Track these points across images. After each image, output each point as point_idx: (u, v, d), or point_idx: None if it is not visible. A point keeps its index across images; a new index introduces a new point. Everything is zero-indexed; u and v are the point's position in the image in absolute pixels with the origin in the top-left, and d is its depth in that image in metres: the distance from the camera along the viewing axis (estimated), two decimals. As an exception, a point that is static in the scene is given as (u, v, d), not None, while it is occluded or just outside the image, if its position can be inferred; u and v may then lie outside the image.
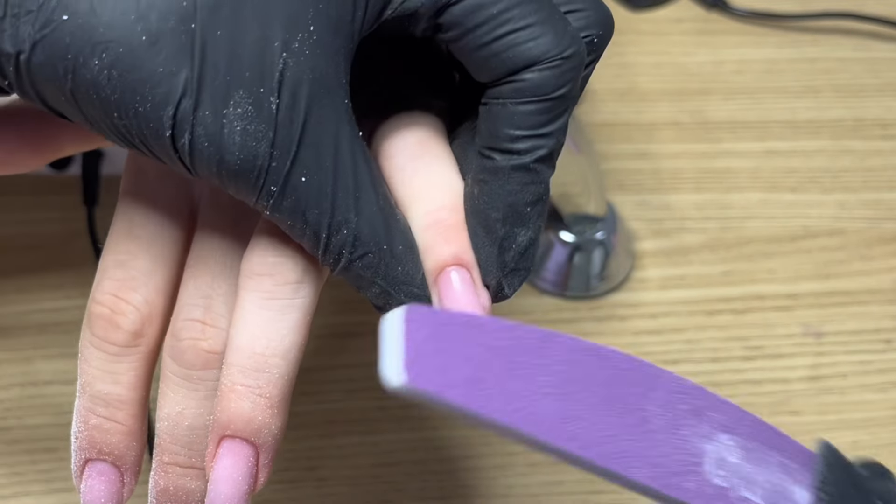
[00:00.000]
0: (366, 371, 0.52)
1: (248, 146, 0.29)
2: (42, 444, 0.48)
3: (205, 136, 0.28)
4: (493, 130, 0.31)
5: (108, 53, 0.28)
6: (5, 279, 0.53)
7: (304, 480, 0.48)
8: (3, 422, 0.49)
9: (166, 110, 0.28)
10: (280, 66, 0.28)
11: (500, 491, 0.48)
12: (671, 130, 0.64)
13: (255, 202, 0.30)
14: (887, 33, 0.70)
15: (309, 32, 0.29)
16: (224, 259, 0.33)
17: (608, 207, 0.57)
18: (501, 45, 0.30)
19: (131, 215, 0.34)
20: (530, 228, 0.32)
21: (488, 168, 0.31)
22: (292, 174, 0.29)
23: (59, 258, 0.54)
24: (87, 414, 0.33)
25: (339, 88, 0.30)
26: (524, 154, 0.31)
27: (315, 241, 0.30)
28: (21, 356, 0.51)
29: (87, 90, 0.28)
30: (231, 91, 0.28)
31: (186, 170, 0.29)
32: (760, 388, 0.52)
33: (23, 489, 0.47)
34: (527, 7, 0.30)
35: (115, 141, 0.30)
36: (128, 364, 0.33)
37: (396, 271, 0.31)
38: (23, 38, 0.28)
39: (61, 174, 0.54)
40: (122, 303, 0.33)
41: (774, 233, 0.59)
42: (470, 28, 0.30)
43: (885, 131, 0.65)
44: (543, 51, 0.30)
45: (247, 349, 0.31)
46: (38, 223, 0.56)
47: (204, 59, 0.28)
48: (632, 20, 0.70)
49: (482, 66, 0.31)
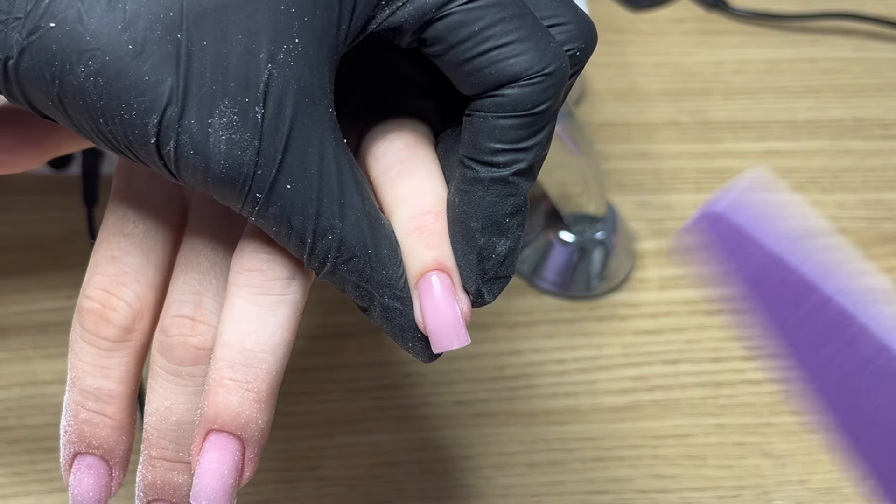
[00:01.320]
0: (366, 371, 0.52)
1: (234, 154, 0.29)
2: (42, 444, 0.48)
3: (190, 144, 0.29)
4: (474, 142, 0.32)
5: (95, 61, 0.28)
6: (5, 279, 0.53)
7: (304, 480, 0.48)
8: (4, 421, 0.49)
9: (151, 118, 0.29)
10: (265, 76, 0.29)
11: (499, 491, 0.48)
12: (671, 130, 0.64)
13: (240, 208, 0.30)
14: (887, 33, 0.70)
15: (294, 44, 0.29)
16: (214, 256, 0.34)
17: (608, 207, 0.57)
18: (484, 60, 0.30)
19: (124, 212, 0.34)
20: (509, 238, 0.32)
21: (469, 178, 0.32)
22: (277, 182, 0.30)
23: (59, 258, 0.54)
24: (76, 408, 0.33)
25: (323, 98, 0.30)
26: (503, 167, 0.31)
27: (300, 246, 0.31)
28: (21, 356, 0.51)
29: (74, 96, 0.29)
30: (216, 100, 0.29)
31: (172, 175, 0.30)
32: (760, 388, 0.52)
33: (23, 489, 0.47)
34: (510, 24, 0.30)
35: (102, 145, 0.30)
36: (118, 359, 0.33)
37: (380, 274, 0.32)
38: (10, 43, 0.29)
39: (61, 174, 0.54)
40: (114, 298, 0.33)
41: (774, 233, 0.59)
42: (453, 44, 0.31)
43: (885, 131, 0.65)
44: (525, 67, 0.30)
45: (236, 344, 0.32)
46: (38, 223, 0.56)
47: (189, 69, 0.29)
48: (632, 20, 0.70)
49: (465, 81, 0.31)
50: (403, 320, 0.32)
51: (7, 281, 0.53)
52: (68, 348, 0.34)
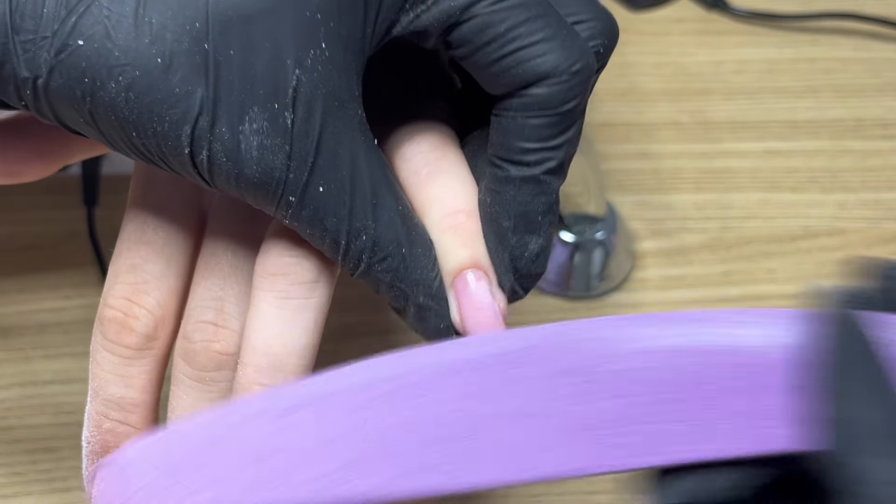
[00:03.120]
0: (366, 371, 0.52)
1: (266, 159, 0.29)
2: (42, 443, 0.48)
3: (222, 151, 0.29)
4: (503, 142, 0.32)
5: (125, 76, 0.28)
6: (5, 279, 0.53)
7: (304, 480, 0.48)
8: (4, 421, 0.49)
9: (184, 129, 0.29)
10: (294, 82, 0.29)
11: (499, 491, 0.48)
12: (671, 130, 0.64)
13: (274, 212, 0.31)
14: (887, 33, 0.70)
15: (321, 50, 0.29)
16: (235, 261, 0.34)
17: (608, 207, 0.57)
18: (511, 61, 0.31)
19: (143, 220, 0.34)
20: (541, 236, 0.33)
21: (499, 178, 0.32)
22: (310, 185, 0.30)
23: (59, 258, 0.54)
24: (99, 418, 0.33)
25: (352, 101, 0.30)
26: (534, 166, 0.32)
27: (335, 248, 0.31)
28: (21, 356, 0.51)
29: (106, 111, 0.29)
30: (246, 107, 0.29)
31: (205, 183, 0.30)
32: (760, 388, 0.52)
33: (23, 489, 0.47)
34: (536, 23, 0.30)
35: (135, 157, 0.31)
36: (140, 367, 0.33)
37: (415, 273, 0.32)
38: (39, 62, 0.29)
39: (61, 174, 0.54)
40: (136, 306, 0.33)
41: (774, 233, 0.59)
42: (479, 46, 0.31)
43: (885, 131, 0.65)
44: (552, 66, 0.31)
45: (263, 349, 0.32)
46: (38, 223, 0.56)
47: (218, 78, 0.29)
48: (632, 20, 0.70)
49: (492, 82, 0.31)
50: (438, 320, 0.33)
51: (7, 281, 0.53)
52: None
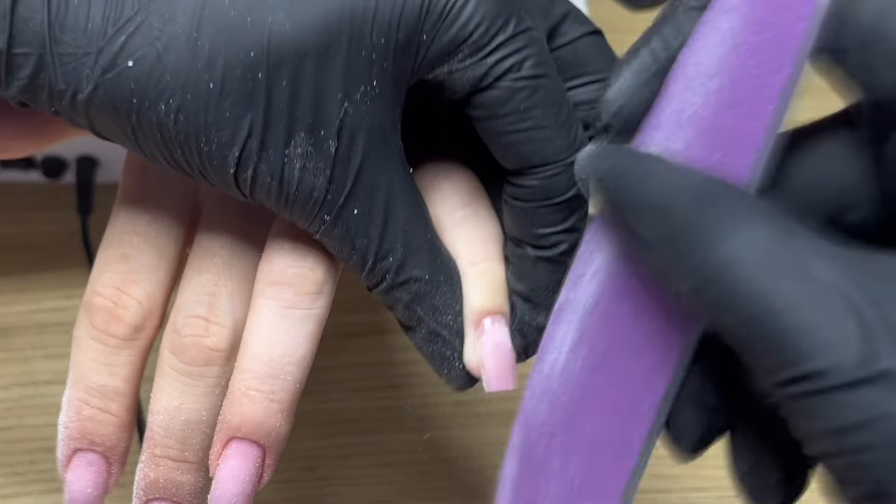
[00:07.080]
0: (366, 371, 0.52)
1: (307, 180, 0.30)
2: (42, 443, 0.48)
3: (268, 172, 0.30)
4: (518, 227, 0.33)
5: (175, 99, 0.29)
6: (5, 279, 0.53)
7: (304, 480, 0.48)
8: (3, 422, 0.49)
9: (232, 150, 0.30)
10: (341, 114, 0.30)
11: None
12: (671, 130, 0.64)
13: (307, 226, 0.31)
14: (887, 33, 0.69)
15: (371, 87, 0.30)
16: (229, 258, 0.34)
17: (608, 207, 0.56)
18: (520, 138, 0.32)
19: (136, 211, 0.34)
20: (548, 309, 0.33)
21: (517, 254, 0.34)
22: (346, 207, 0.31)
23: (59, 258, 0.54)
24: (80, 405, 0.34)
25: (394, 134, 0.32)
26: (549, 248, 0.33)
27: (361, 265, 0.32)
28: (21, 356, 0.51)
29: (151, 130, 0.30)
30: (293, 133, 0.30)
31: (242, 195, 0.31)
32: (760, 388, 0.52)
33: (23, 489, 0.47)
34: (549, 109, 0.32)
35: (169, 168, 0.31)
36: (125, 357, 0.34)
37: (434, 299, 0.33)
38: (80, 78, 0.29)
39: (56, 183, 0.54)
40: (125, 296, 0.33)
41: (774, 233, 0.59)
42: (497, 115, 0.32)
43: (885, 131, 0.65)
44: (554, 153, 0.32)
45: (263, 356, 0.32)
46: (38, 223, 0.56)
47: (269, 106, 0.29)
48: (632, 20, 0.70)
49: (499, 151, 0.33)
50: (446, 348, 0.34)
51: (7, 281, 0.53)
52: (68, 348, 0.34)
